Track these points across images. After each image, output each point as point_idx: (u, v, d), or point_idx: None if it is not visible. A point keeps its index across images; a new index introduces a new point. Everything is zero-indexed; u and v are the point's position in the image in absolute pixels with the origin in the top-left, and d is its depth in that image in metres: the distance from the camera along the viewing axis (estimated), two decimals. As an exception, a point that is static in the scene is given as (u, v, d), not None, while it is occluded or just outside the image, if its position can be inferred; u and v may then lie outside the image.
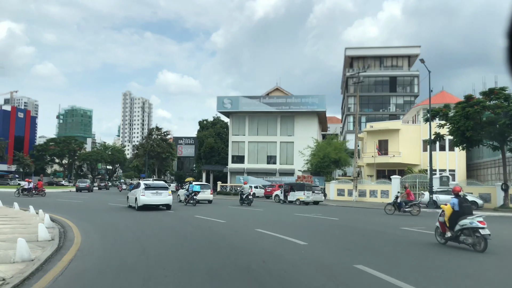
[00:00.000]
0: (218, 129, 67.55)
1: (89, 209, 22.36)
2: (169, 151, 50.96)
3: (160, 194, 21.24)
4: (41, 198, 31.76)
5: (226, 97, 54.41)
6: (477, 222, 9.79)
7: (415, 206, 21.88)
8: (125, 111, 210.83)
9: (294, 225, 15.73)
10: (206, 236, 11.74)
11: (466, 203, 10.47)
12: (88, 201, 28.94)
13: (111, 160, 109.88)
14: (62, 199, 30.89)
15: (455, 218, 10.34)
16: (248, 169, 53.63)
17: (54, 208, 21.37)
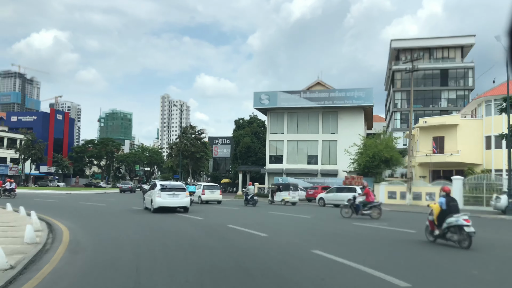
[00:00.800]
0: (255, 128, 63.62)
1: (101, 213, 19.05)
2: (203, 150, 47.40)
3: (177, 195, 19.81)
4: (55, 203, 28.73)
5: (263, 92, 50.34)
6: (463, 220, 10.01)
7: (375, 208, 18.63)
8: (163, 114, 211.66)
9: (370, 244, 11.36)
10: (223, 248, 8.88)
11: (453, 202, 10.68)
12: (112, 204, 25.82)
13: (149, 161, 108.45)
14: (86, 202, 27.78)
15: (443, 216, 10.55)
16: (287, 169, 49.30)
17: (66, 213, 18.02)
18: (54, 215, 17.12)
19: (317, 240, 11.41)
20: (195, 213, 19.56)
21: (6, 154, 76.02)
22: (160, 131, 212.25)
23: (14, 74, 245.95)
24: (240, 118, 66.33)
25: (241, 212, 22.66)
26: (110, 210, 21.57)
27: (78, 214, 18.94)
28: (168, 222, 15.44)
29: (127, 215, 19.06)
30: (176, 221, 15.78)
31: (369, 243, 11.00)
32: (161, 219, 16.51)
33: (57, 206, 23.77)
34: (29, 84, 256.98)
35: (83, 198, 34.03)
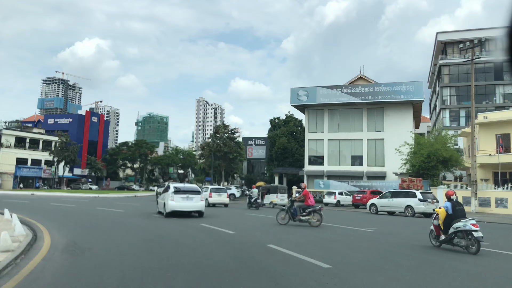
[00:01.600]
0: (291, 127, 59.06)
1: (108, 221, 15.10)
2: (237, 151, 43.20)
3: (192, 199, 18.33)
4: (69, 208, 25.19)
5: (301, 88, 45.67)
6: (471, 225, 9.70)
7: (315, 214, 15.70)
8: (198, 117, 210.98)
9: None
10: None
11: (459, 207, 10.32)
12: (132, 209, 22.07)
13: (183, 164, 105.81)
14: (104, 207, 24.14)
15: (448, 221, 10.23)
16: (329, 172, 44.41)
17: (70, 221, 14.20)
18: (51, 223, 14.07)
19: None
20: (212, 219, 15.56)
21: (41, 157, 74.81)
22: (195, 134, 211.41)
23: (57, 81, 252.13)
24: (275, 118, 61.99)
25: (270, 220, 18.81)
26: (122, 218, 17.72)
27: (79, 222, 15.23)
28: (181, 235, 11.27)
29: (138, 223, 15.13)
30: (193, 234, 11.58)
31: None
32: (172, 229, 12.38)
33: (66, 212, 20.19)
34: (71, 90, 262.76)
35: (105, 203, 30.61)
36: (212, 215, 20.35)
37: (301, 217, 15.54)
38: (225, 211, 25.36)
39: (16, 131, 75.58)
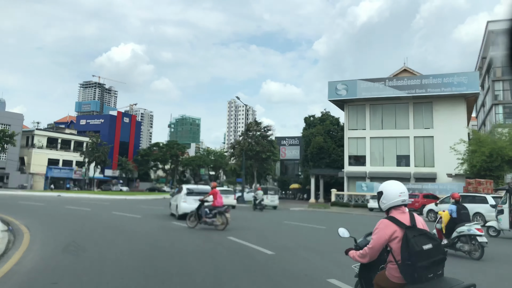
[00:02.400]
0: (328, 126, 54.87)
1: (110, 229, 11.75)
2: (270, 150, 39.54)
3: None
4: (84, 212, 22.24)
5: (339, 81, 41.56)
6: (475, 230, 9.30)
7: (222, 216, 14.00)
8: (230, 118, 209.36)
9: None
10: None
11: (464, 210, 9.90)
12: (150, 214, 18.96)
13: (214, 165, 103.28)
14: (121, 212, 21.11)
15: (452, 225, 9.75)
16: (371, 173, 40.08)
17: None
18: (42, 230, 11.41)
19: None
20: (240, 231, 11.83)
21: (72, 157, 73.80)
22: (226, 136, 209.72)
23: (94, 84, 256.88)
24: (310, 115, 57.96)
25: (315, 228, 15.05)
26: (131, 226, 14.49)
27: (75, 231, 11.99)
28: (198, 256, 7.75)
29: (146, 234, 11.72)
30: (214, 254, 8.05)
31: None
32: (186, 245, 8.87)
33: (74, 217, 17.20)
34: (107, 94, 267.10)
35: (126, 206, 27.71)
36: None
37: (206, 219, 14.00)
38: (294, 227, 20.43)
39: (47, 131, 75.00)
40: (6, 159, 63.81)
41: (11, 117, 65.22)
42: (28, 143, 69.38)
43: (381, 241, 3.28)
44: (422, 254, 3.03)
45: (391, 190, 3.40)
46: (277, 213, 26.82)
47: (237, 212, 24.63)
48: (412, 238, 3.09)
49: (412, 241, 3.07)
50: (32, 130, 71.42)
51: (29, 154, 68.05)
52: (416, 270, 3.02)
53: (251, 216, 22.46)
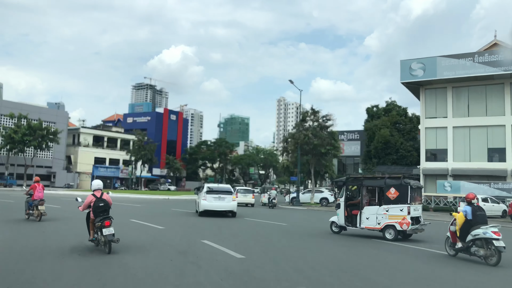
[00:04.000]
0: (394, 117, 47.36)
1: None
2: (330, 143, 32.78)
3: (223, 199, 18.14)
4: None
5: (415, 59, 34.10)
6: (491, 233, 8.48)
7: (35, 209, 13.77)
8: (279, 116, 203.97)
9: None
10: None
11: (480, 212, 9.04)
12: (177, 226, 13.71)
13: (264, 164, 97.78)
14: (141, 220, 15.81)
15: (467, 227, 8.98)
16: (455, 170, 32.45)
17: None
18: None
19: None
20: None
21: (119, 156, 71.03)
22: (276, 135, 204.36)
23: (146, 86, 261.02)
24: (373, 106, 50.62)
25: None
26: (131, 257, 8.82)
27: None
28: None
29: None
30: None
31: None
32: None
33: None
34: (159, 95, 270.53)
35: (158, 208, 22.52)
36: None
37: (29, 211, 14.00)
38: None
39: (93, 129, 72.74)
40: (52, 157, 61.75)
41: (56, 114, 63.16)
42: (74, 142, 67.26)
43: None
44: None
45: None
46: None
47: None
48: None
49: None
50: (77, 128, 69.35)
51: (75, 153, 65.84)
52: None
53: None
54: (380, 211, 12.10)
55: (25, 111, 56.17)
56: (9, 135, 51.72)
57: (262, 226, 14.71)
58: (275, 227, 14.45)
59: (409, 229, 11.70)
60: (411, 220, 11.67)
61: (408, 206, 11.73)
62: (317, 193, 34.79)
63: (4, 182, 53.03)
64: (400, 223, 11.71)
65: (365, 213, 12.35)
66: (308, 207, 31.39)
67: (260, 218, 18.73)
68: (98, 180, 9.28)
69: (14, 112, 54.41)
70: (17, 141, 51.98)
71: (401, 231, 11.76)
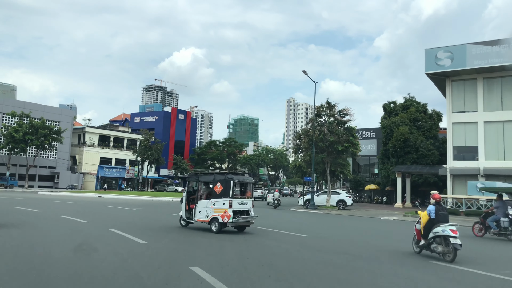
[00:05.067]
0: (413, 113, 43.68)
1: None
2: (348, 140, 29.19)
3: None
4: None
5: (441, 48, 30.56)
6: (449, 231, 8.93)
7: None
8: (289, 117, 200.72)
9: None
10: None
11: (442, 211, 9.47)
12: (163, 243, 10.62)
13: (274, 164, 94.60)
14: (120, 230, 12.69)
15: (430, 226, 9.39)
16: (487, 169, 28.85)
17: None
18: None
19: None
20: None
21: (125, 156, 68.31)
22: (285, 135, 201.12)
23: (156, 88, 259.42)
24: (390, 102, 46.97)
25: None
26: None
27: None
28: None
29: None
30: None
31: None
32: None
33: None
34: (169, 96, 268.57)
35: (153, 212, 19.37)
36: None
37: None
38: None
39: (99, 129, 70.12)
40: (56, 157, 59.19)
41: (61, 113, 60.60)
42: (80, 141, 64.67)
43: None
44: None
45: None
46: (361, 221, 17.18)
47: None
48: None
49: None
50: (83, 128, 66.79)
51: (80, 153, 63.25)
52: None
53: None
54: (208, 204, 12.60)
55: (27, 109, 53.72)
56: (10, 134, 49.19)
57: (276, 240, 11.40)
58: (294, 242, 11.15)
59: (229, 221, 12.15)
60: (233, 213, 12.15)
61: (230, 200, 12.23)
62: (333, 195, 31.45)
63: (5, 183, 50.51)
64: (222, 216, 12.21)
65: (198, 207, 12.89)
66: (324, 211, 28.07)
67: (271, 224, 15.48)
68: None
69: (17, 110, 51.96)
70: (19, 140, 49.44)
71: (223, 224, 12.23)
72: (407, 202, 38.59)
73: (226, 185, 12.25)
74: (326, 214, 25.52)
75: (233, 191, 12.24)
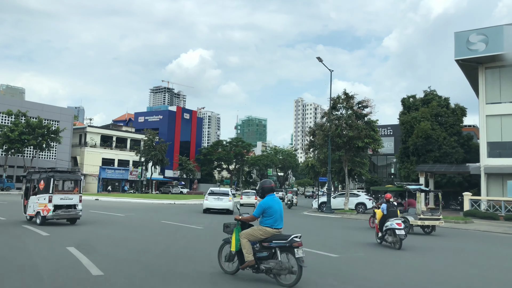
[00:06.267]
0: (435, 108, 40.00)
1: None
2: (368, 135, 25.61)
3: (221, 199, 21.85)
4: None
5: (474, 30, 27.01)
6: (395, 224, 10.52)
7: None
8: (297, 117, 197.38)
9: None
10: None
11: (392, 208, 11.25)
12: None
13: (282, 165, 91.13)
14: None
15: (383, 220, 11.11)
16: (528, 167, 25.26)
17: None
18: None
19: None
20: None
21: (129, 157, 65.28)
22: (294, 136, 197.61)
23: (163, 89, 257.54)
24: (410, 96, 43.31)
25: None
26: None
27: None
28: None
29: None
30: None
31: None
32: None
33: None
34: (176, 98, 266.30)
35: (143, 219, 16.17)
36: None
37: None
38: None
39: (101, 129, 67.24)
40: (56, 158, 56.36)
41: (60, 112, 57.73)
42: (81, 142, 61.80)
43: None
44: None
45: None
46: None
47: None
48: None
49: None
50: (84, 128, 63.93)
51: (81, 154, 60.37)
52: None
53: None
54: (35, 200, 13.59)
55: (24, 108, 50.94)
56: (5, 134, 46.37)
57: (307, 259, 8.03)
58: (328, 266, 7.80)
59: (49, 215, 13.14)
60: (53, 208, 13.16)
61: (50, 195, 13.20)
62: (351, 197, 28.03)
63: (1, 185, 47.69)
64: (43, 210, 13.15)
65: (29, 202, 13.89)
66: (342, 215, 24.64)
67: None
68: None
69: (14, 109, 49.17)
70: (14, 140, 46.61)
71: (44, 217, 13.12)
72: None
73: (47, 182, 13.18)
74: (344, 219, 22.12)
75: (53, 187, 13.17)
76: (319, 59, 26.52)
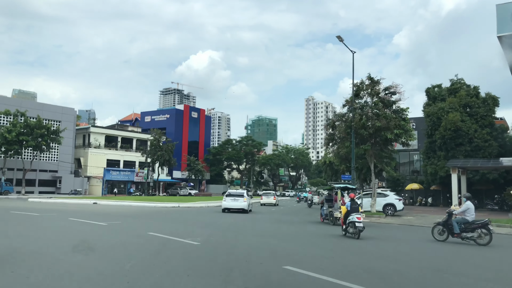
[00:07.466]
0: (463, 98, 36.09)
1: None
2: (399, 125, 21.94)
3: (237, 200, 23.96)
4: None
5: (519, 2, 23.18)
6: (355, 218, 12.18)
7: None
8: (308, 116, 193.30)
9: None
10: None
11: (354, 205, 12.82)
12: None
13: (295, 164, 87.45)
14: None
15: (347, 215, 12.76)
16: None
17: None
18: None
19: None
20: None
21: (135, 158, 62.28)
22: (305, 135, 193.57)
23: (173, 91, 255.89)
24: (434, 86, 39.40)
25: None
26: None
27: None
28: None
29: None
30: None
31: None
32: None
33: None
34: (186, 99, 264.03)
35: (127, 230, 12.81)
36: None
37: None
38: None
39: (105, 129, 64.39)
40: (58, 160, 53.55)
41: (62, 112, 54.89)
42: (85, 143, 58.96)
43: None
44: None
45: None
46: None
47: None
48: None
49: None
50: (87, 128, 61.12)
51: (85, 155, 57.49)
52: None
53: None
54: None
55: (24, 107, 48.19)
56: (2, 135, 43.59)
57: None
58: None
59: None
60: None
61: None
62: (378, 198, 24.33)
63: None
64: None
65: None
66: (370, 218, 20.97)
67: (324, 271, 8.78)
68: None
69: (12, 109, 46.41)
70: (12, 141, 43.81)
71: None
72: (453, 204, 31.13)
73: None
74: (374, 225, 18.46)
75: None
76: (340, 39, 22.80)
